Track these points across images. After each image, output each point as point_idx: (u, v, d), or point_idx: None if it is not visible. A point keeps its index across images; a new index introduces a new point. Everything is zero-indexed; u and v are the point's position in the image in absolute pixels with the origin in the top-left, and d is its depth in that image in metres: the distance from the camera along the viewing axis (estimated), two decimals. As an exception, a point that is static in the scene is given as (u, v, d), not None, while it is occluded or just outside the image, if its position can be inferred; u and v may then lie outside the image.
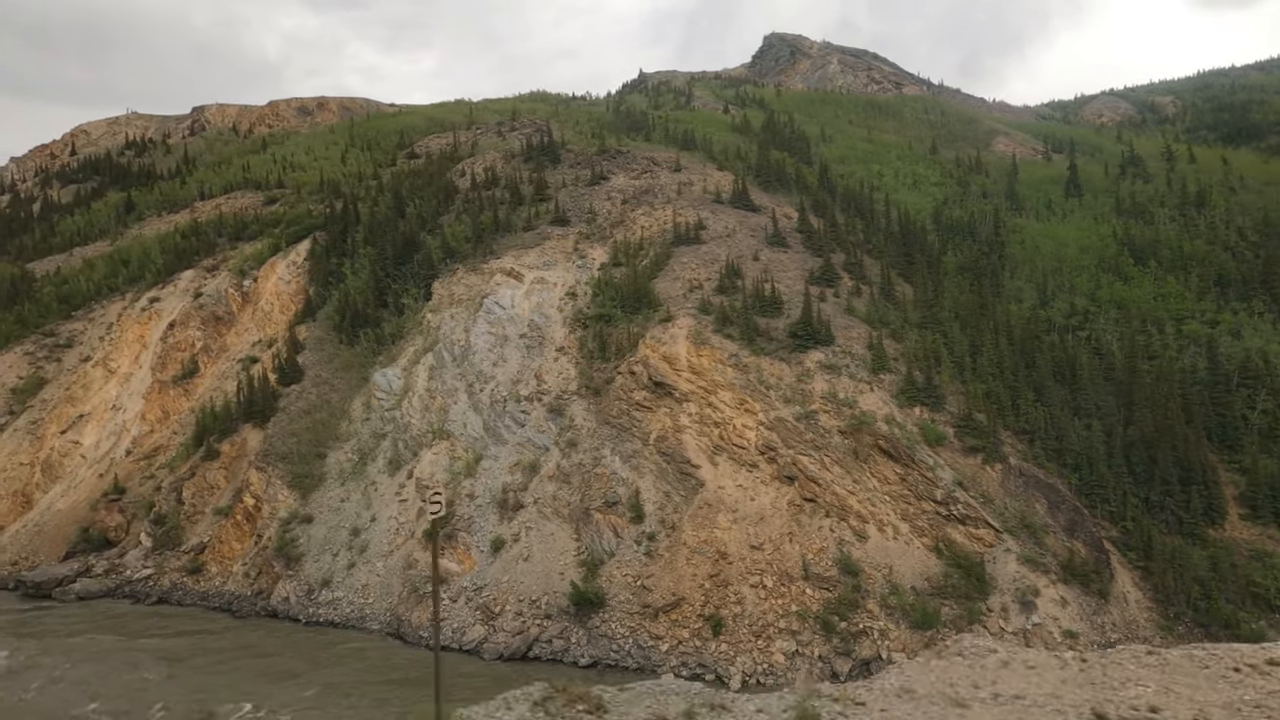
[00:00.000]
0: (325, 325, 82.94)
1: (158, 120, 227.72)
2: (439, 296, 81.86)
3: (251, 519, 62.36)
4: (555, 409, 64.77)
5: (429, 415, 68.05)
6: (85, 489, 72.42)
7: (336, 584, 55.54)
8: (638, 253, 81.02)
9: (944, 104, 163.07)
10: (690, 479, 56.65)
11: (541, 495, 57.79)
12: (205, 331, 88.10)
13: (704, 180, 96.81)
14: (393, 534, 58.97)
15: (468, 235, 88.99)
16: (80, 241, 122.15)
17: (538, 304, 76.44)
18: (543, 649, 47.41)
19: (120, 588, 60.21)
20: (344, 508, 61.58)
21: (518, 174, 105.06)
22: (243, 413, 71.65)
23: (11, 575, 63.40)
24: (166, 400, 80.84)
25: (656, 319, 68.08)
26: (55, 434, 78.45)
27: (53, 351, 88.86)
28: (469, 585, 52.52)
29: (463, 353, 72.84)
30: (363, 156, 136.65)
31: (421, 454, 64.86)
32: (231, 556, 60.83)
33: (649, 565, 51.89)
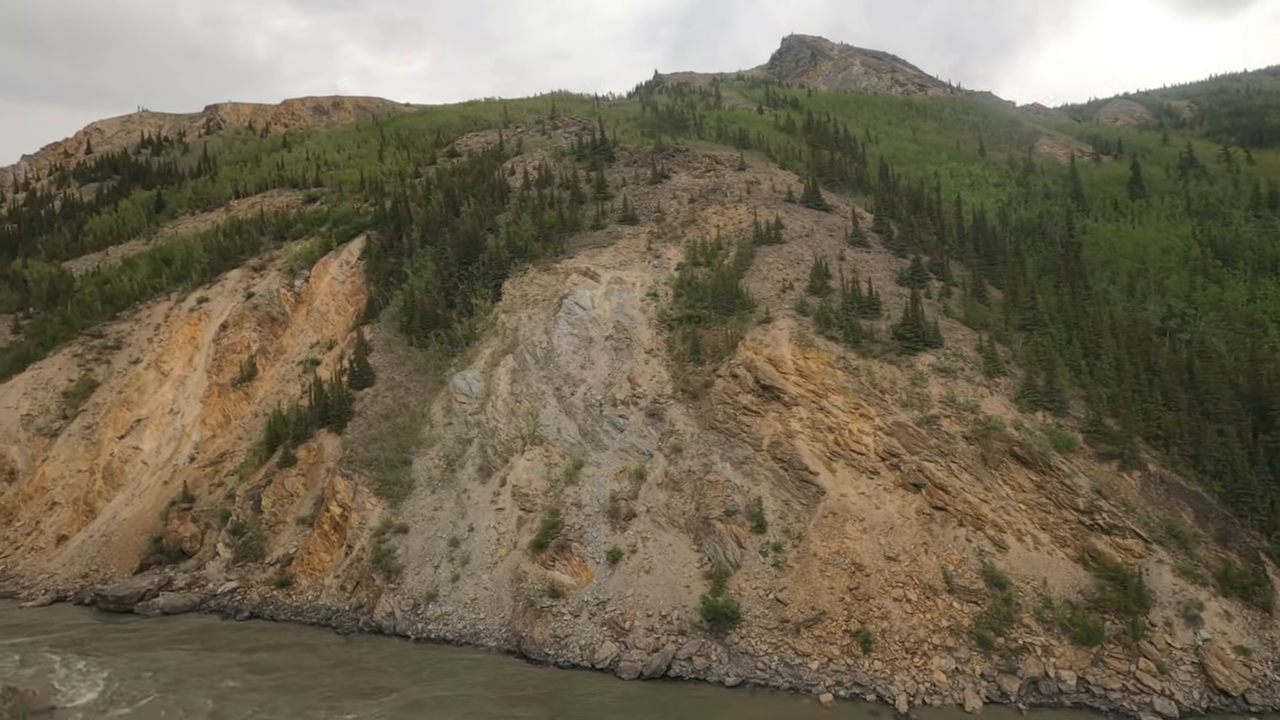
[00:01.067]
0: (392, 327, 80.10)
1: (170, 118, 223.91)
2: (510, 297, 79.25)
3: (339, 529, 59.47)
4: (654, 413, 62.27)
5: (516, 420, 65.39)
6: (150, 497, 69.25)
7: (442, 598, 52.73)
8: (716, 252, 78.75)
9: (983, 105, 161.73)
10: (810, 486, 54.29)
11: (653, 504, 55.25)
12: (261, 333, 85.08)
13: (770, 179, 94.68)
14: (494, 545, 56.24)
15: (534, 234, 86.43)
16: (112, 240, 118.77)
17: (619, 305, 73.95)
18: (682, 667, 44.83)
19: (204, 602, 57.17)
20: (438, 517, 58.80)
21: (572, 172, 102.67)
22: (317, 417, 68.72)
23: (86, 589, 60.19)
24: (227, 404, 77.76)
25: (754, 320, 65.78)
26: (112, 439, 75.19)
27: (101, 353, 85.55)
28: (590, 599, 49.89)
29: (545, 355, 70.24)
30: (399, 155, 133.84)
31: (513, 460, 62.20)
32: (321, 568, 57.91)
33: (779, 577, 49.46)
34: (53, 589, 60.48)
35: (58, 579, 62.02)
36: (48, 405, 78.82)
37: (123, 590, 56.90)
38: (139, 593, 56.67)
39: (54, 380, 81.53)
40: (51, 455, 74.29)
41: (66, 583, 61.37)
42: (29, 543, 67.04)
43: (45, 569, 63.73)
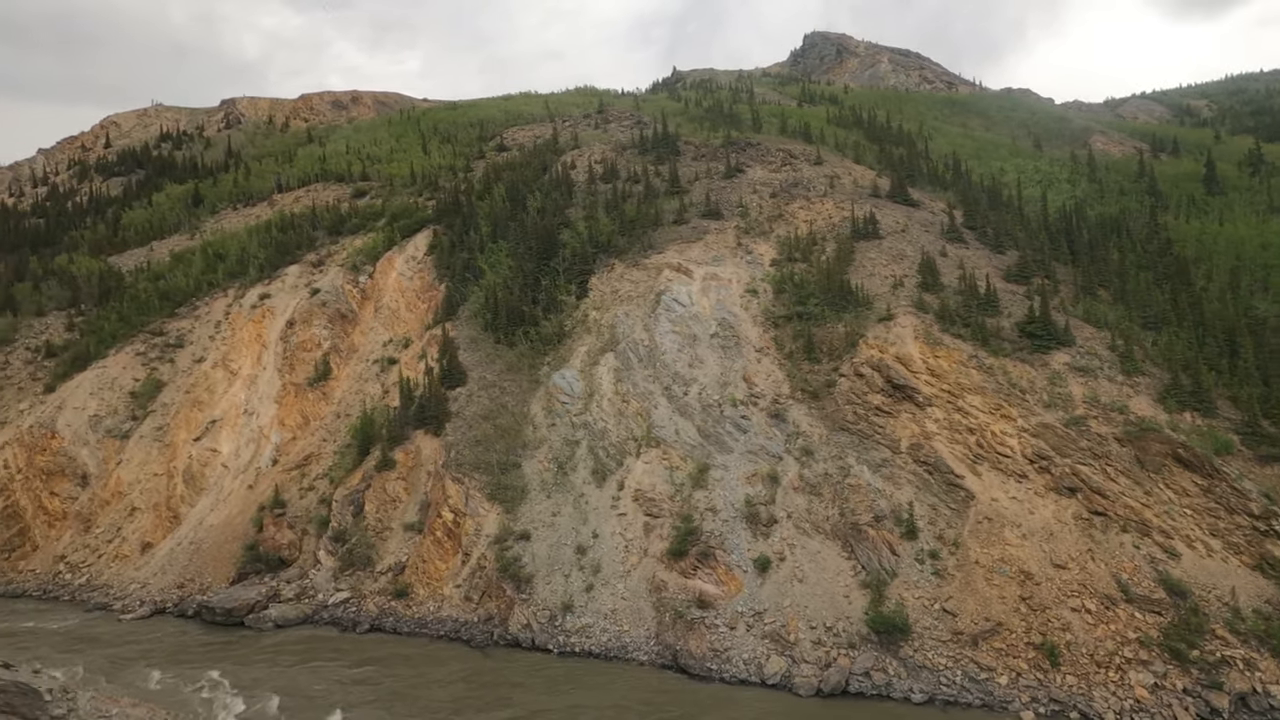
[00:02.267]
0: (474, 324, 77.23)
1: (186, 112, 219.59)
2: (599, 293, 76.59)
3: (452, 535, 56.64)
4: (776, 414, 59.81)
5: (626, 420, 62.77)
6: (236, 502, 66.14)
7: (579, 609, 50.07)
8: (811, 248, 76.39)
9: (1028, 102, 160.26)
10: (958, 490, 51.99)
11: (793, 509, 52.79)
12: (332, 331, 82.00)
13: (848, 174, 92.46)
14: (622, 552, 53.62)
15: (614, 229, 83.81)
16: (154, 235, 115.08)
17: (718, 301, 71.45)
18: (861, 683, 42.39)
19: (316, 613, 54.20)
20: (557, 523, 56.09)
21: (641, 167, 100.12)
22: (412, 418, 65.82)
23: (185, 600, 57.06)
24: (304, 404, 74.66)
25: (873, 317, 63.46)
26: (187, 441, 71.97)
27: (164, 351, 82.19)
28: (744, 610, 47.37)
29: (649, 353, 67.63)
30: (444, 149, 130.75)
31: (628, 463, 59.59)
32: (438, 577, 55.07)
33: (942, 586, 47.13)
34: (149, 600, 57.33)
35: (151, 589, 58.85)
36: (115, 406, 75.46)
37: (230, 602, 53.81)
38: (248, 604, 53.62)
39: (119, 380, 78.13)
40: (124, 458, 71.00)
41: (162, 593, 58.21)
42: (112, 550, 63.79)
43: (134, 578, 60.53)
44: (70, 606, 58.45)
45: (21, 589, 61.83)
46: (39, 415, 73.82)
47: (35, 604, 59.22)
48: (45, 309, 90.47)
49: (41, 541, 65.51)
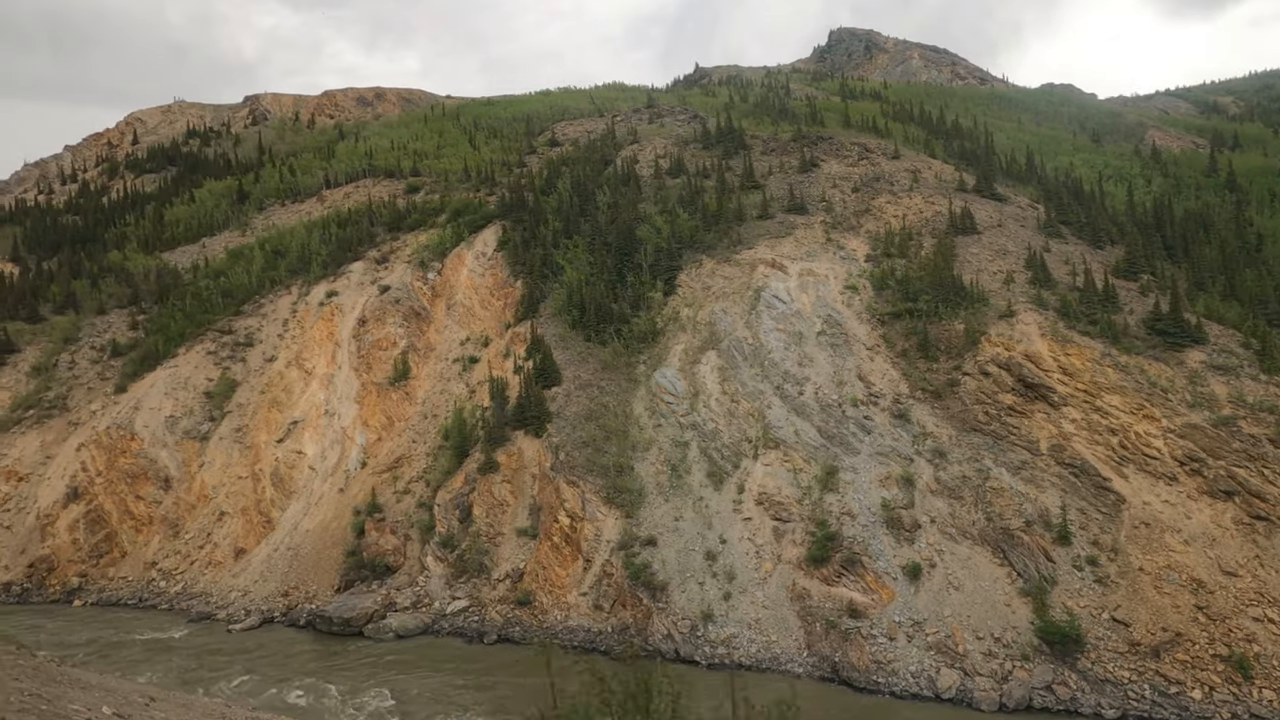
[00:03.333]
0: (559, 322, 75.01)
1: (211, 109, 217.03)
2: (690, 289, 74.45)
3: (571, 541, 54.47)
4: (899, 414, 57.74)
5: (737, 420, 60.65)
6: (329, 506, 63.92)
7: (720, 619, 47.94)
8: (906, 243, 74.33)
9: (1076, 98, 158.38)
10: (1107, 494, 49.91)
11: (935, 513, 50.70)
12: (407, 329, 79.74)
13: (927, 169, 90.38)
14: (753, 558, 51.51)
15: (695, 224, 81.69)
16: (203, 231, 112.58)
17: (818, 298, 69.35)
18: (1043, 698, 40.33)
19: (436, 623, 51.97)
20: (681, 527, 53.95)
21: (707, 161, 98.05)
22: (511, 419, 63.63)
23: (294, 609, 54.80)
24: (387, 405, 72.42)
25: (992, 314, 61.42)
26: (269, 443, 69.72)
27: (234, 350, 79.86)
28: (901, 619, 45.28)
29: (753, 351, 65.50)
30: (492, 144, 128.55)
31: (745, 465, 57.47)
32: (560, 585, 52.91)
33: (1108, 594, 45.05)
34: (254, 609, 55.05)
35: (254, 598, 56.61)
36: (191, 406, 73.16)
37: (347, 611, 51.55)
38: (366, 614, 51.37)
39: (192, 379, 75.80)
40: (206, 460, 68.75)
41: (266, 602, 55.97)
42: (204, 556, 61.54)
43: (234, 586, 58.28)
44: (169, 615, 56.18)
45: (115, 597, 59.51)
46: (115, 416, 71.50)
47: (133, 613, 56.94)
48: (106, 307, 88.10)
49: (129, 547, 63.22)
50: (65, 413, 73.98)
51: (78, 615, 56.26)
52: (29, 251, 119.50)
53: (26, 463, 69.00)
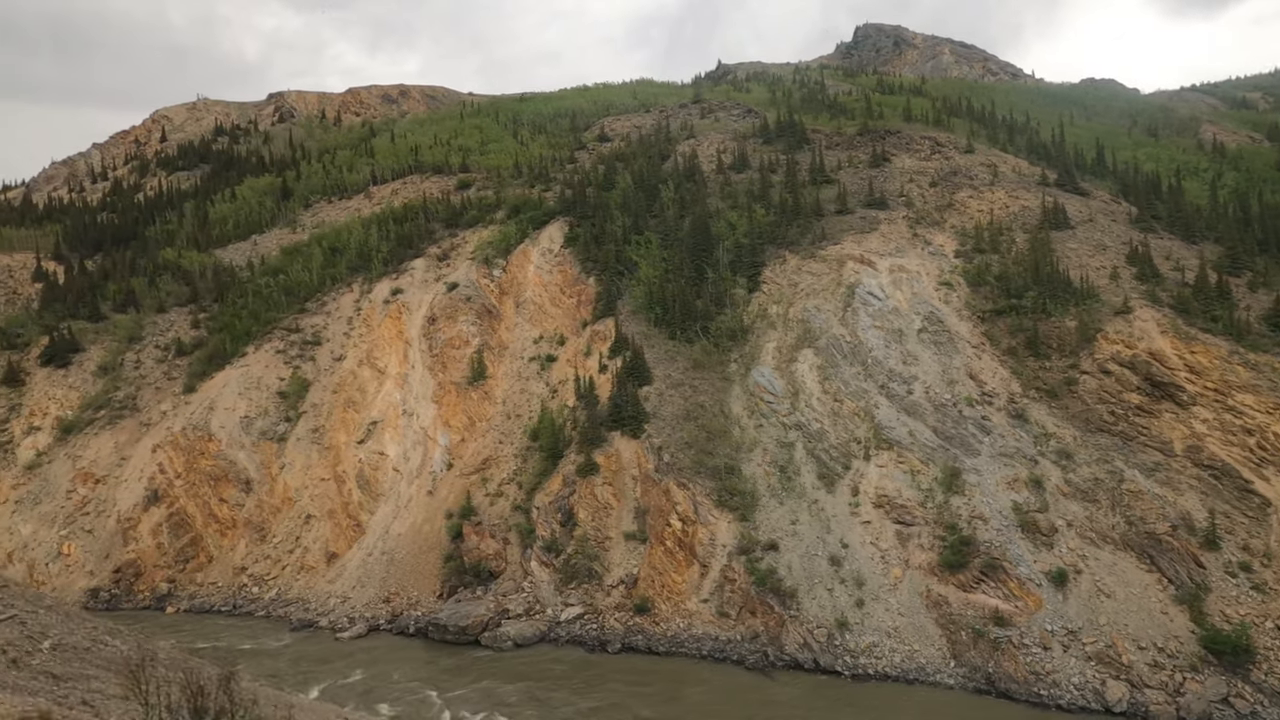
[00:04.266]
0: (641, 320, 73.20)
1: (236, 107, 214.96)
2: (776, 286, 72.65)
3: (684, 545, 52.69)
4: (1017, 414, 55.93)
5: (843, 420, 58.85)
6: (419, 509, 62.15)
7: (856, 627, 46.18)
8: (998, 238, 72.49)
9: (1124, 93, 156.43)
10: (1251, 497, 48.06)
11: (1072, 517, 48.87)
12: (480, 327, 77.93)
13: (1003, 163, 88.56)
14: (879, 563, 49.74)
15: (771, 219, 79.89)
16: (248, 228, 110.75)
17: (914, 295, 67.53)
18: (1222, 712, 38.55)
19: (551, 630, 50.22)
20: (799, 531, 52.17)
21: (769, 156, 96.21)
22: (606, 419, 61.82)
23: (402, 616, 53.02)
24: (467, 405, 70.64)
25: (1105, 310, 59.59)
26: (349, 444, 67.95)
27: (303, 349, 78.08)
28: (1053, 628, 43.47)
29: (852, 349, 63.69)
30: (537, 140, 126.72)
31: (856, 466, 55.68)
32: (678, 591, 51.13)
33: (1268, 602, 43.20)
34: (358, 616, 53.28)
35: (354, 604, 54.83)
36: (265, 407, 71.40)
37: (462, 619, 49.75)
38: (481, 622, 49.59)
39: (264, 379, 74.03)
40: (286, 462, 66.97)
41: (369, 608, 54.19)
42: (294, 561, 59.78)
43: (330, 592, 56.51)
44: (267, 623, 54.41)
45: (208, 604, 57.76)
46: (189, 417, 69.74)
47: (228, 620, 55.19)
48: (166, 305, 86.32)
49: (215, 551, 61.49)
50: (136, 413, 72.20)
51: (174, 623, 54.48)
52: (70, 250, 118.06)
53: (102, 464, 67.25)
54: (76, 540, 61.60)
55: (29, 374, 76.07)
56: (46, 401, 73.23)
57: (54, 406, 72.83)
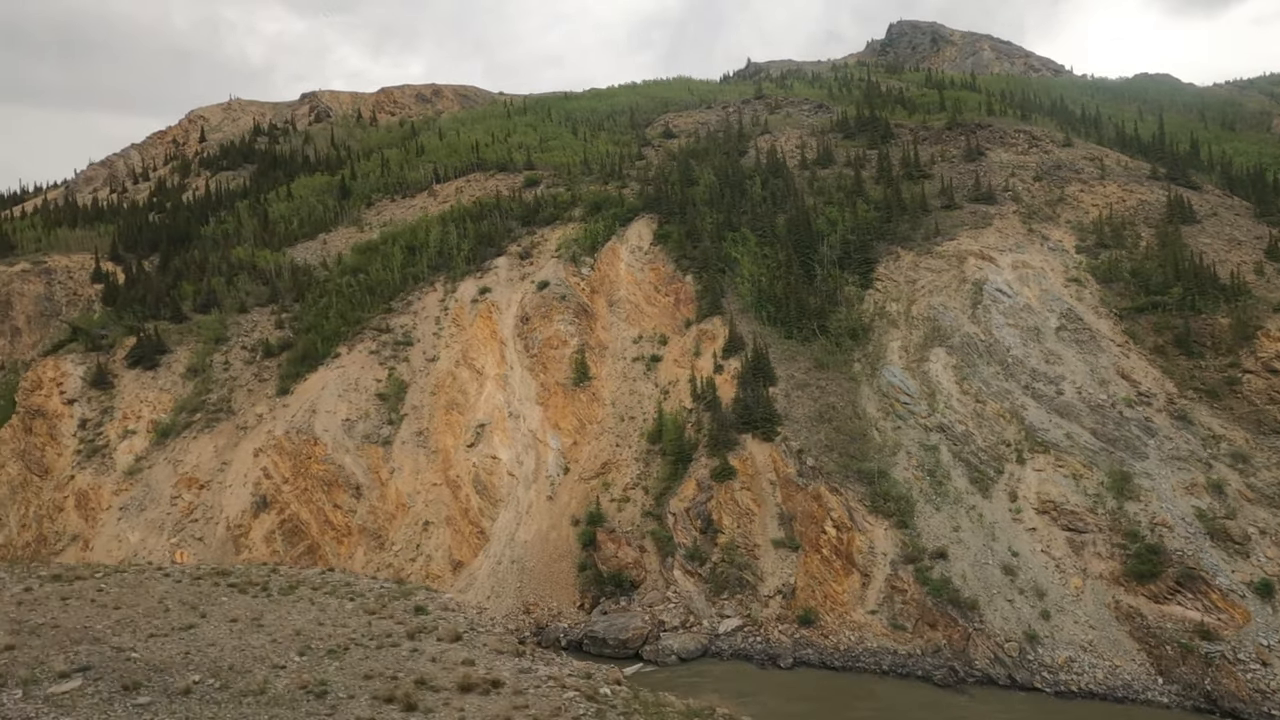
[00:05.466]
0: (751, 319, 70.92)
1: (270, 107, 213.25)
2: (892, 283, 70.32)
3: (841, 553, 50.36)
4: (1179, 415, 53.54)
5: (988, 422, 56.48)
6: (542, 515, 59.88)
7: (1046, 640, 43.84)
8: (1121, 233, 70.12)
9: (1183, 87, 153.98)
10: None
11: (1264, 524, 46.43)
12: (578, 326, 75.66)
13: (1106, 157, 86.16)
14: (1054, 571, 47.39)
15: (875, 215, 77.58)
16: (316, 227, 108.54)
17: (1043, 291, 65.19)
18: None
19: (714, 643, 47.92)
20: (963, 538, 49.81)
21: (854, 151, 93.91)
22: (735, 421, 59.49)
23: (548, 627, 50.82)
24: (576, 407, 68.34)
25: (1263, 307, 57.20)
26: (457, 447, 65.68)
27: (396, 350, 75.81)
28: (1271, 643, 41.06)
29: (987, 348, 61.34)
30: (598, 136, 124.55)
31: (1010, 470, 53.33)
32: (841, 602, 48.78)
33: None
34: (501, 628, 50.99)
35: (493, 615, 51.93)
36: (365, 409, 69.16)
37: (621, 632, 47.50)
38: (640, 634, 47.38)
39: (361, 381, 71.80)
40: (395, 466, 64.70)
41: (509, 619, 51.81)
42: (418, 569, 57.52)
43: (465, 602, 54.12)
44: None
45: (335, 615, 55.51)
46: (290, 420, 67.52)
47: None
48: (247, 305, 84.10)
49: (334, 559, 59.17)
50: (231, 416, 69.99)
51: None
52: (126, 250, 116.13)
53: (204, 470, 65.02)
54: (188, 548, 59.37)
55: (117, 376, 73.88)
56: (139, 404, 71.05)
57: (146, 409, 70.66)
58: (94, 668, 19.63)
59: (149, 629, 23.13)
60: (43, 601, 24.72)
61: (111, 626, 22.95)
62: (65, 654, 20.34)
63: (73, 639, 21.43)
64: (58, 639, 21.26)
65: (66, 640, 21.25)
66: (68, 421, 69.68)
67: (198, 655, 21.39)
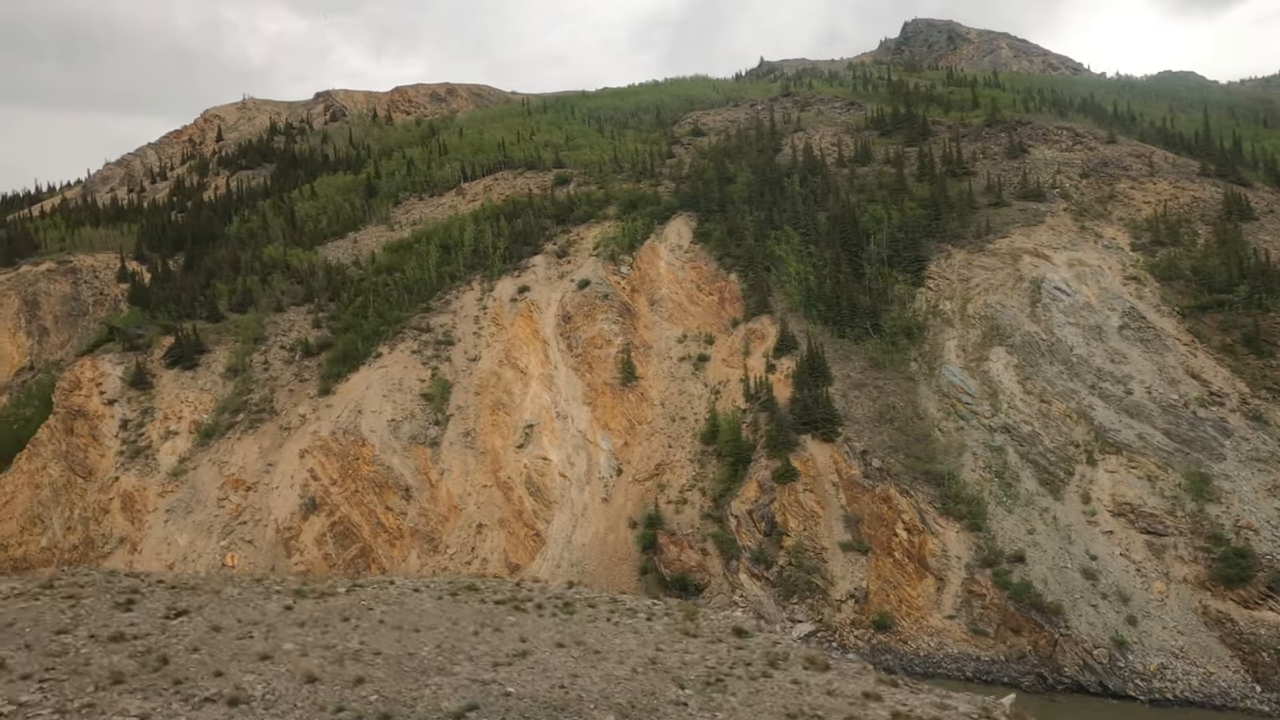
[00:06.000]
0: (801, 318, 69.91)
1: (285, 106, 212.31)
2: (945, 281, 69.32)
3: (913, 556, 49.36)
4: (1253, 415, 52.55)
5: (1054, 422, 55.47)
6: (598, 518, 58.89)
7: (1136, 646, 42.81)
8: (1176, 231, 69.11)
9: (1212, 85, 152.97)
10: None
11: (1353, 526, 45.49)
12: (622, 326, 74.66)
13: (1153, 154, 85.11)
14: (1134, 575, 46.37)
15: (922, 212, 76.58)
16: (345, 225, 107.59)
17: (1102, 290, 64.18)
18: None
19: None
20: (1039, 541, 48.77)
21: (892, 149, 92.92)
22: (794, 422, 58.47)
23: (614, 632, 49.84)
24: (625, 407, 67.33)
25: (1335, 305, 56.22)
26: (506, 448, 64.66)
27: (437, 350, 74.77)
28: (1371, 649, 40.08)
29: (1049, 347, 60.32)
30: (624, 134, 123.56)
31: (1080, 471, 52.32)
32: (916, 606, 47.78)
33: None
34: (566, 633, 50.04)
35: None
36: (411, 409, 68.15)
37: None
38: (713, 639, 46.27)
39: (405, 381, 70.81)
40: (444, 468, 63.67)
41: (574, 624, 50.93)
42: (474, 572, 56.25)
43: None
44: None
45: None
46: (335, 421, 66.52)
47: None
48: (284, 304, 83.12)
49: (387, 563, 58.16)
50: (274, 416, 69.01)
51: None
52: (150, 249, 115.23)
53: (250, 471, 64.02)
54: (239, 551, 58.38)
55: (156, 376, 72.90)
56: (179, 405, 70.07)
57: (187, 410, 69.66)
58: (481, 707, 17.33)
59: (483, 656, 20.84)
60: (323, 621, 22.31)
61: (441, 654, 20.65)
62: (429, 689, 18.02)
63: (417, 669, 19.22)
64: (399, 670, 19.03)
65: (411, 670, 19.08)
66: (109, 422, 68.70)
67: (575, 689, 19.09)
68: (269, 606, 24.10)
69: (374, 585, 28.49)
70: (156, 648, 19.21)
